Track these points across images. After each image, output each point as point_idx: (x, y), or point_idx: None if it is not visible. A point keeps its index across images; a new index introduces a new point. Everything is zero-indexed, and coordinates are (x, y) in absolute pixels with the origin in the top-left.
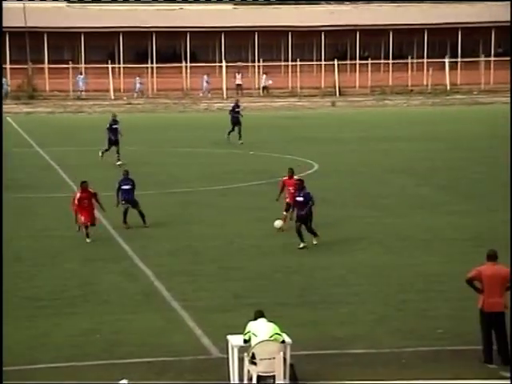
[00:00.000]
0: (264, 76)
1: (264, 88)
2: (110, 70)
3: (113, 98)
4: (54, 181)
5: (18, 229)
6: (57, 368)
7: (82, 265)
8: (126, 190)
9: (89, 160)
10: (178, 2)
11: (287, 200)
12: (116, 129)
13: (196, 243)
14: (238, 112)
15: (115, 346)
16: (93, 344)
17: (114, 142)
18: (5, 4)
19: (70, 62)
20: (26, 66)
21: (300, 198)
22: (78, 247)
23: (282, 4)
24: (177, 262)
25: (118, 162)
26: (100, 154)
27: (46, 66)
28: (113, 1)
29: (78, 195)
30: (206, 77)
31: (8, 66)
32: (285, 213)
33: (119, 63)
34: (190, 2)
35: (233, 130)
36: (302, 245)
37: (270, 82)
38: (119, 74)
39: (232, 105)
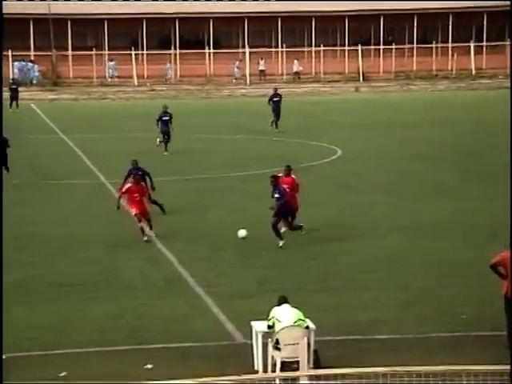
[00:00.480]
0: (296, 61)
1: (295, 74)
2: (133, 56)
3: (136, 84)
4: (78, 167)
5: (42, 214)
6: (81, 353)
7: (106, 251)
8: None
9: (112, 147)
10: None
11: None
12: (166, 120)
13: (217, 229)
14: (278, 101)
15: (139, 332)
16: (117, 329)
17: (164, 133)
18: None
19: (94, 49)
20: (50, 53)
21: (277, 195)
22: (102, 233)
23: None
24: (199, 248)
25: (165, 153)
26: (157, 142)
27: (69, 52)
28: None
29: (129, 186)
30: (237, 63)
31: (32, 52)
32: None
33: (142, 50)
34: None
35: (277, 118)
36: (280, 243)
37: (301, 68)
38: (142, 60)
39: (271, 93)
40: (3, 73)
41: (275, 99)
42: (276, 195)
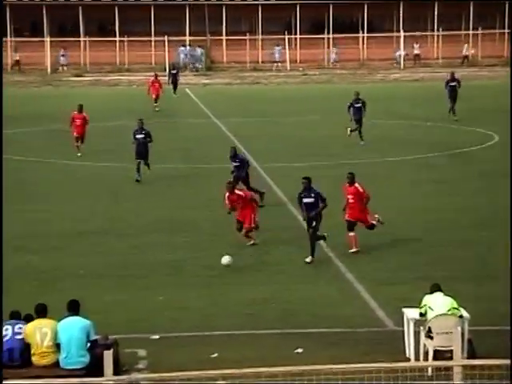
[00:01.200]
0: (465, 46)
1: (465, 57)
2: (286, 40)
3: (289, 68)
4: (228, 151)
5: (192, 198)
6: (232, 335)
7: (260, 233)
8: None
9: (264, 131)
10: None
11: (346, 216)
12: (359, 107)
13: None
14: (455, 86)
15: (289, 316)
16: (267, 313)
17: (356, 121)
18: None
19: (248, 34)
20: (204, 38)
21: (309, 200)
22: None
23: None
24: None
25: (361, 142)
26: (348, 132)
27: (223, 37)
28: None
29: (227, 195)
30: (401, 49)
31: (187, 37)
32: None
33: (295, 34)
34: None
35: (454, 104)
36: (308, 259)
37: (473, 51)
38: (295, 45)
39: (447, 78)
40: (166, 58)
41: (452, 84)
42: (307, 200)
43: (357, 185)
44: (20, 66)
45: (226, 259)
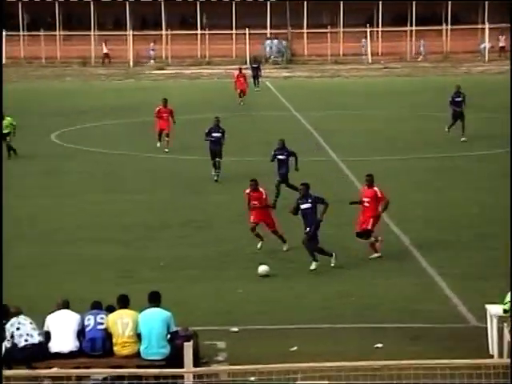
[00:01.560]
0: None
1: None
2: (367, 33)
3: (370, 61)
4: (309, 145)
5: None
6: (311, 329)
7: (338, 229)
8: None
9: (345, 125)
10: None
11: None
12: (460, 102)
13: (452, 210)
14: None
15: (369, 310)
16: (346, 307)
17: (458, 115)
18: None
19: (329, 27)
20: (285, 31)
21: (306, 205)
22: (331, 210)
23: None
24: (432, 229)
25: (462, 139)
26: (446, 129)
27: (304, 30)
28: None
29: (247, 192)
30: (486, 42)
31: (268, 30)
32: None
33: (377, 27)
34: None
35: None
36: (313, 265)
37: None
38: (377, 37)
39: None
40: (247, 51)
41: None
42: (304, 205)
43: (376, 188)
44: (109, 58)
45: (262, 269)
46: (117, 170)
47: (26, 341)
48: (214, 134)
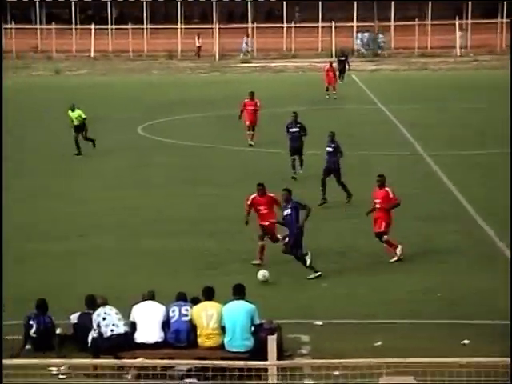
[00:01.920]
0: None
1: None
2: (456, 26)
3: (458, 54)
4: (395, 139)
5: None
6: (396, 324)
7: (423, 221)
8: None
9: (432, 119)
10: None
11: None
12: None
13: None
14: None
15: (454, 306)
16: (432, 303)
17: None
18: None
19: (417, 19)
20: (372, 24)
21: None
22: (417, 204)
23: None
24: None
25: None
26: None
27: (392, 23)
28: None
29: (253, 196)
30: None
31: (355, 23)
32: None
33: (467, 19)
34: None
35: None
36: (313, 275)
37: None
38: (466, 29)
39: None
40: (333, 44)
41: None
42: (286, 211)
43: (387, 189)
44: (200, 52)
45: (262, 274)
46: (204, 163)
47: (112, 331)
48: (292, 130)
